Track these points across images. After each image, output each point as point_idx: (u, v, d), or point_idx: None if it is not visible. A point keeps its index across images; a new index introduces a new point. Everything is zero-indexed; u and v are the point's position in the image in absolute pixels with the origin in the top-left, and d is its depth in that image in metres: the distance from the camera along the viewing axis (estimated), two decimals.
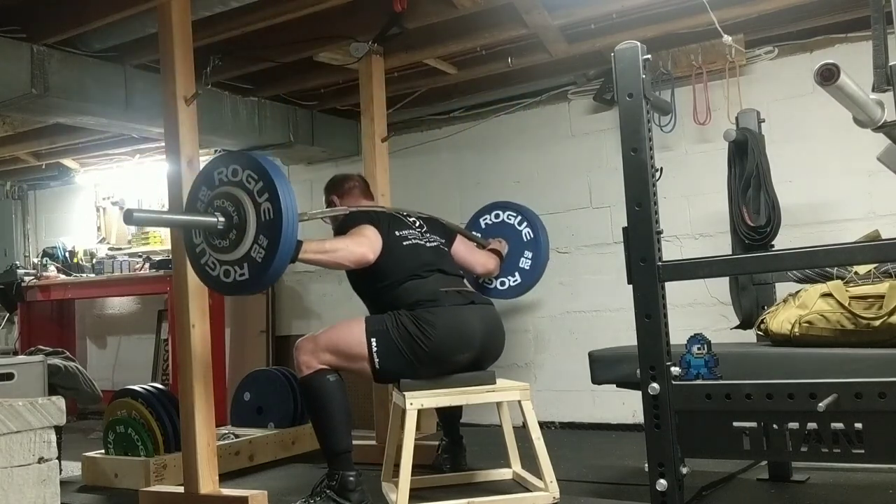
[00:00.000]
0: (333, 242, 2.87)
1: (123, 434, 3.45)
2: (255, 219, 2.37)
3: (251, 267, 2.39)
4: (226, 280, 2.46)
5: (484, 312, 2.94)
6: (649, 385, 2.12)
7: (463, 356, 2.83)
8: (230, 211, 2.41)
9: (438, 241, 3.11)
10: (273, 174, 2.37)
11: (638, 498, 2.58)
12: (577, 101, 4.32)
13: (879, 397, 1.87)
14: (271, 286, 5.21)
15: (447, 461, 3.30)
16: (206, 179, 2.54)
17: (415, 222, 3.10)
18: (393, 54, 3.78)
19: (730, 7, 3.39)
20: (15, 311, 5.77)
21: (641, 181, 2.16)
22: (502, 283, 3.62)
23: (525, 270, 3.61)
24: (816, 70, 1.90)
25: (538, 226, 3.64)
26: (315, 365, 2.79)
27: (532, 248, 3.61)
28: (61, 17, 3.30)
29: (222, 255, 2.44)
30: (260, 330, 5.22)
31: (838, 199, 3.63)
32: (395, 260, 2.89)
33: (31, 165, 5.69)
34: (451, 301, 2.86)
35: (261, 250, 2.36)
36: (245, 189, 2.40)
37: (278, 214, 2.33)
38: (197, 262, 2.55)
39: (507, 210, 3.70)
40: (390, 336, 2.76)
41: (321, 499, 2.73)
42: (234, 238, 2.41)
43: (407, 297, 2.84)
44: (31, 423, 1.55)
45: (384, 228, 2.92)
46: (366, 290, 2.99)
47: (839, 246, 2.08)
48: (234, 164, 2.45)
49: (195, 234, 2.54)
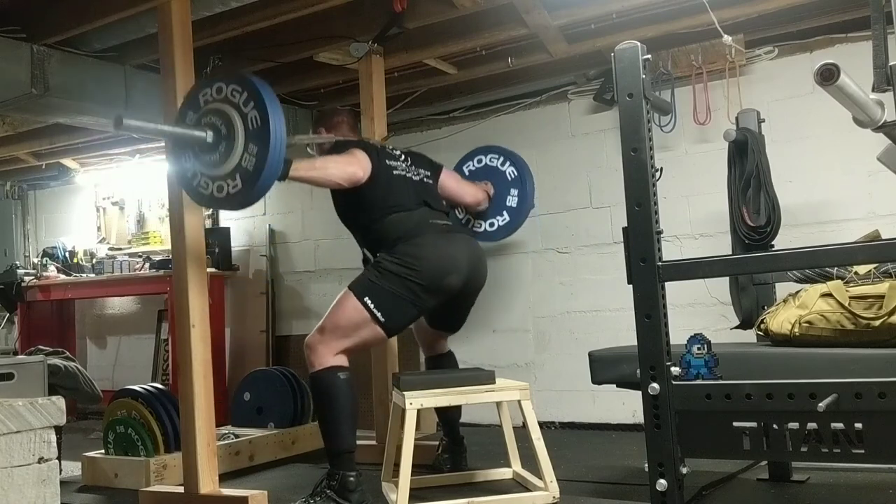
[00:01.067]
0: (324, 160, 2.93)
1: (123, 434, 3.45)
2: (242, 128, 2.41)
3: (243, 177, 2.42)
4: (219, 195, 2.49)
5: (468, 241, 3.03)
6: (649, 385, 2.12)
7: (453, 278, 2.87)
8: (218, 125, 2.46)
9: (424, 175, 3.15)
10: (257, 84, 2.41)
11: (638, 498, 2.58)
12: (577, 101, 4.32)
13: (879, 397, 1.87)
14: (271, 286, 5.22)
15: (447, 461, 3.29)
16: (190, 104, 2.59)
17: (400, 155, 3.15)
18: (393, 54, 3.78)
19: (730, 7, 3.39)
20: (15, 311, 5.77)
21: (641, 181, 2.16)
22: (491, 225, 3.65)
23: (513, 209, 3.63)
24: (816, 70, 1.90)
25: (522, 164, 3.67)
26: (328, 360, 2.81)
27: (517, 185, 3.63)
28: (61, 17, 3.30)
29: (213, 170, 2.48)
30: (260, 330, 5.22)
31: (838, 199, 3.63)
32: (384, 188, 2.93)
33: (31, 165, 5.69)
34: (436, 230, 2.93)
35: (251, 158, 2.39)
36: (231, 103, 2.44)
37: (265, 120, 2.37)
38: (189, 185, 2.59)
39: (489, 153, 3.73)
40: (380, 286, 2.79)
41: (321, 499, 2.73)
42: (223, 150, 2.45)
43: (391, 231, 2.89)
44: (31, 423, 1.55)
45: (374, 154, 2.97)
46: (353, 220, 3.04)
47: (839, 246, 2.08)
48: (217, 83, 2.50)
49: (185, 158, 2.58)
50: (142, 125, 2.51)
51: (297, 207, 5.21)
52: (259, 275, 5.33)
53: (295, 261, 5.23)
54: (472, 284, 3.03)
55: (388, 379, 3.51)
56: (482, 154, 3.74)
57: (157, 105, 3.12)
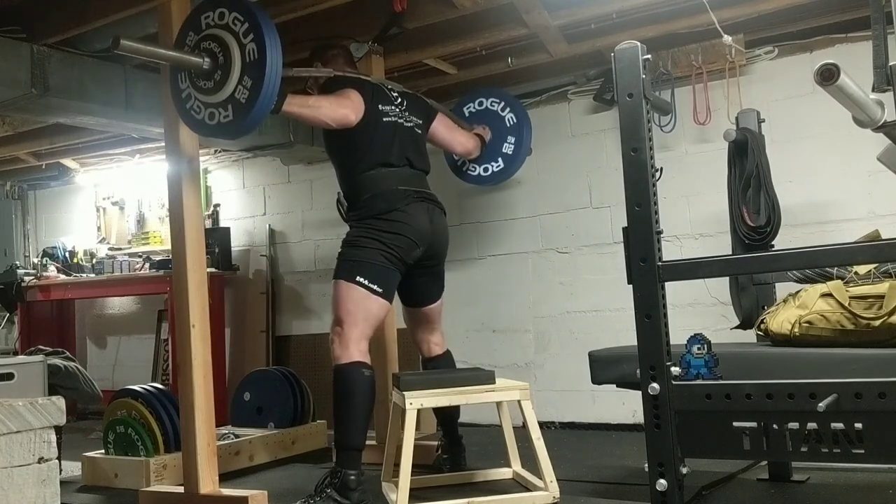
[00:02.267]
0: (317, 99, 2.96)
1: (123, 434, 3.45)
2: (240, 59, 2.42)
3: (235, 108, 2.44)
4: (210, 122, 2.51)
5: (432, 213, 3.08)
6: (649, 385, 2.12)
7: (416, 252, 3.00)
8: (216, 52, 2.46)
9: (415, 122, 3.19)
10: (259, 15, 2.42)
11: (638, 498, 2.58)
12: (577, 101, 4.32)
13: (879, 397, 1.87)
14: (271, 286, 5.22)
15: (447, 461, 3.29)
16: (192, 23, 2.59)
17: (397, 98, 3.17)
18: (393, 54, 3.78)
19: (730, 7, 3.39)
20: (15, 311, 5.77)
21: (641, 181, 2.16)
22: (485, 170, 3.67)
23: (508, 156, 3.65)
24: (816, 70, 1.90)
25: (521, 112, 3.68)
26: (353, 354, 2.85)
27: (515, 133, 3.65)
28: (61, 17, 3.30)
29: (207, 96, 2.49)
30: (260, 330, 5.22)
31: (838, 199, 3.63)
32: (370, 137, 3.00)
33: (31, 165, 5.69)
34: (406, 199, 2.99)
35: (245, 91, 2.41)
36: (231, 31, 2.45)
37: (262, 54, 2.37)
38: (182, 106, 2.60)
39: (490, 97, 3.74)
40: (364, 262, 2.90)
41: (321, 499, 2.73)
42: (218, 79, 2.46)
43: (369, 187, 2.98)
44: (31, 423, 1.55)
45: (368, 96, 3.00)
46: (338, 161, 3.11)
47: (839, 246, 2.08)
48: (220, 7, 2.50)
49: (181, 79, 2.58)
50: (139, 47, 2.51)
51: (297, 207, 5.21)
52: (259, 275, 5.33)
53: (295, 261, 5.23)
54: (431, 253, 3.11)
55: (388, 379, 3.51)
56: (483, 97, 3.76)
57: (158, 105, 3.12)
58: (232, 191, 5.48)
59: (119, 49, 2.39)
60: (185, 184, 2.87)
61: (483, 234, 4.55)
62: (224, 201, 5.46)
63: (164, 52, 2.65)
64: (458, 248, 4.14)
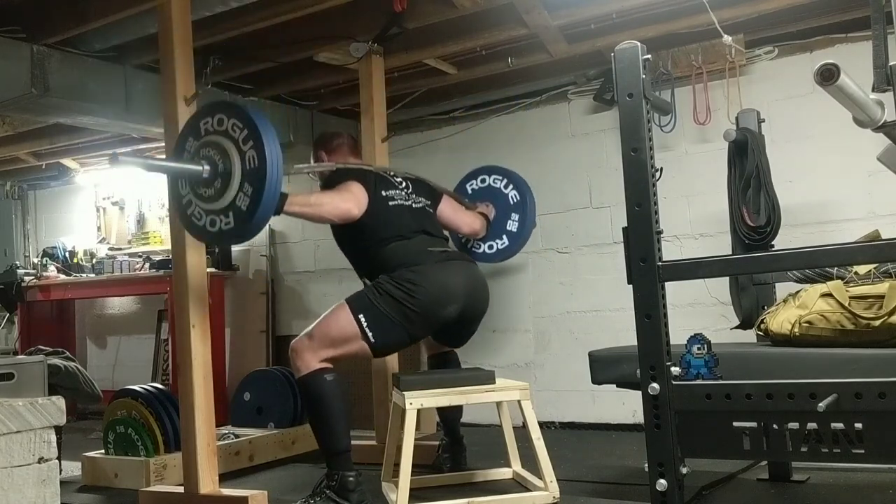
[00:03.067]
0: (319, 196, 2.91)
1: (123, 434, 3.45)
2: (240, 167, 2.40)
3: (236, 215, 2.41)
4: (211, 229, 2.49)
5: (467, 268, 2.99)
6: (649, 385, 2.12)
7: (450, 309, 2.86)
8: (216, 160, 2.44)
9: (424, 203, 3.14)
10: (258, 122, 2.40)
11: (638, 498, 2.58)
12: (577, 101, 4.32)
13: (879, 397, 1.87)
14: (271, 286, 5.22)
15: (447, 461, 3.29)
16: (192, 129, 2.57)
17: (401, 183, 3.12)
18: (393, 54, 3.78)
19: (730, 7, 3.39)
20: (15, 311, 5.77)
21: (641, 181, 2.16)
22: (490, 247, 3.64)
23: (512, 233, 3.63)
24: (816, 70, 1.90)
25: (524, 189, 3.66)
26: (313, 364, 2.79)
27: (519, 210, 3.62)
28: (61, 17, 3.30)
29: (208, 204, 2.47)
30: (260, 330, 5.22)
31: (838, 199, 3.63)
32: (381, 220, 2.92)
33: (31, 165, 5.69)
34: (435, 259, 2.90)
35: (245, 198, 2.38)
36: (230, 138, 2.42)
37: (263, 162, 2.35)
38: (183, 212, 2.57)
39: (493, 174, 3.72)
40: (377, 307, 2.78)
41: (321, 499, 2.73)
42: (219, 186, 2.44)
43: (390, 258, 2.87)
44: (31, 423, 1.55)
45: (371, 186, 2.95)
46: (351, 249, 3.03)
47: (839, 246, 2.08)
48: (219, 114, 2.48)
49: (181, 185, 2.56)
50: (138, 161, 2.52)
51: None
52: (259, 275, 5.33)
53: (295, 261, 5.22)
54: (471, 311, 3.00)
55: (388, 379, 3.51)
56: (486, 174, 3.72)
57: (157, 105, 3.12)
58: None
59: (118, 164, 2.41)
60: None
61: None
62: None
63: (164, 164, 2.67)
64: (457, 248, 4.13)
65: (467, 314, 2.97)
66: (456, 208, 3.43)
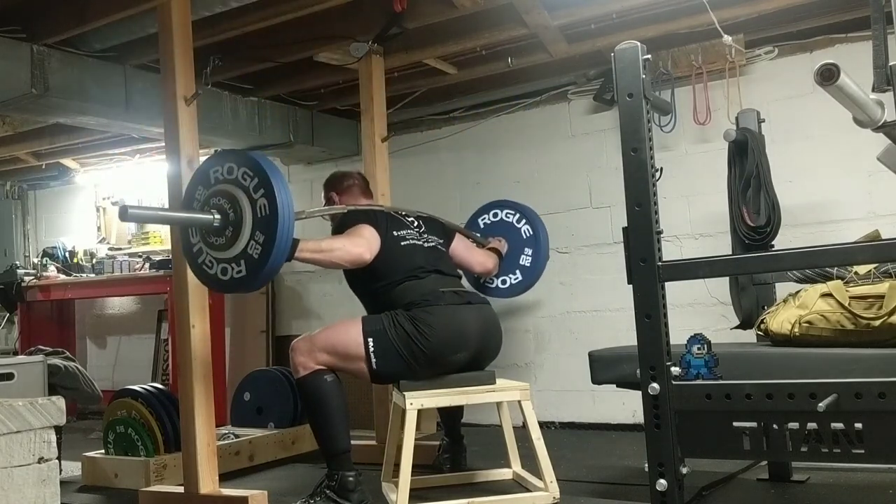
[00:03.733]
0: (330, 242, 2.86)
1: (123, 434, 3.45)
2: (251, 215, 2.38)
3: (248, 264, 2.39)
4: (223, 278, 2.46)
5: (481, 312, 2.94)
6: (649, 385, 2.12)
7: (460, 356, 2.82)
8: (226, 208, 2.42)
9: (436, 242, 3.10)
10: (268, 170, 2.38)
11: (638, 498, 2.58)
12: (577, 101, 4.32)
13: (879, 397, 1.87)
14: (271, 286, 5.22)
15: (447, 461, 3.29)
16: (202, 178, 2.54)
17: (413, 222, 3.09)
18: (393, 54, 3.78)
19: (730, 7, 3.39)
20: (15, 311, 5.77)
21: (641, 181, 2.16)
22: (503, 282, 3.61)
23: (526, 268, 3.60)
24: (816, 70, 1.90)
25: (537, 223, 3.64)
26: (312, 366, 2.79)
27: (532, 244, 3.60)
28: (61, 17, 3.30)
29: (219, 252, 2.45)
30: (260, 330, 5.22)
31: (838, 199, 3.63)
32: (393, 260, 2.89)
33: (31, 165, 5.69)
34: (448, 300, 2.84)
35: (257, 247, 2.37)
36: (241, 186, 2.41)
37: (274, 210, 2.34)
38: (194, 260, 2.55)
39: (505, 209, 3.70)
40: (387, 336, 2.75)
41: (321, 499, 2.73)
42: (230, 235, 2.42)
43: (403, 297, 2.84)
44: (31, 423, 1.55)
45: (382, 228, 2.92)
46: (363, 289, 2.99)
47: (839, 246, 2.08)
48: (229, 163, 2.46)
49: (192, 234, 2.54)
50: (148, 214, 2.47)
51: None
52: None
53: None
54: (483, 355, 2.94)
55: None
56: (497, 208, 3.70)
57: (157, 105, 3.12)
58: None
59: (127, 219, 2.40)
60: (185, 184, 2.86)
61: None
62: None
63: (174, 216, 2.65)
64: None
65: (478, 358, 2.92)
66: (468, 246, 3.39)
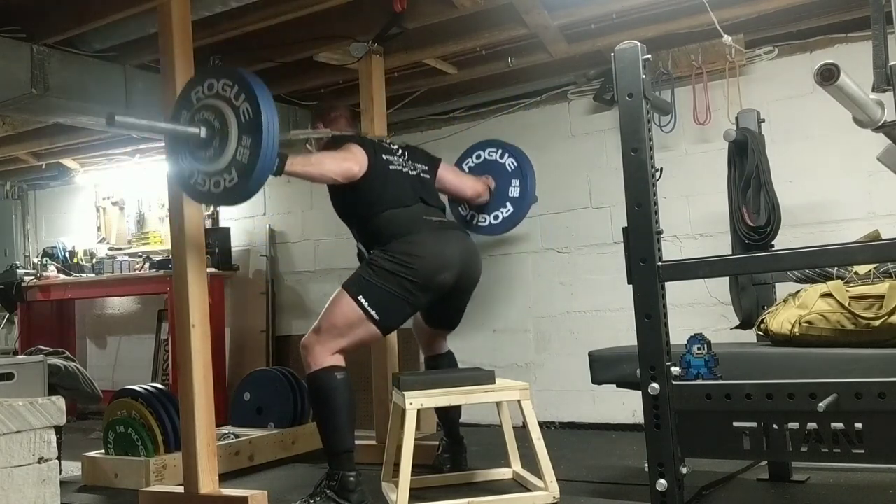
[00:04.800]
0: (320, 156, 2.95)
1: (123, 434, 3.45)
2: (235, 122, 2.45)
3: (239, 170, 2.45)
4: (216, 191, 2.52)
5: (460, 237, 3.03)
6: (649, 385, 2.12)
7: (445, 275, 2.89)
8: (211, 120, 2.49)
9: (421, 169, 3.17)
10: (247, 77, 2.44)
11: (638, 498, 2.58)
12: (577, 101, 4.32)
13: (879, 397, 1.87)
14: (271, 286, 5.22)
15: (447, 461, 3.29)
16: (184, 103, 2.62)
17: (397, 150, 3.16)
18: (393, 54, 3.78)
19: (730, 7, 3.39)
20: (15, 311, 5.77)
21: (641, 181, 2.16)
22: (496, 217, 3.65)
23: (515, 199, 3.63)
24: (816, 70, 1.90)
25: (521, 155, 3.68)
26: (325, 360, 2.81)
27: (518, 175, 3.64)
28: (61, 17, 3.30)
29: (209, 166, 2.51)
30: (260, 330, 5.22)
31: (838, 199, 3.63)
32: (380, 184, 2.96)
33: (31, 165, 5.69)
34: (430, 227, 2.94)
35: (245, 150, 2.43)
36: (222, 97, 2.48)
37: (257, 111, 2.40)
38: (186, 183, 2.62)
39: (487, 148, 3.74)
40: (374, 285, 2.81)
41: (321, 499, 2.73)
42: (217, 145, 2.48)
43: (389, 226, 2.90)
44: (31, 423, 1.55)
45: (370, 150, 2.99)
46: (351, 215, 3.06)
47: (839, 246, 2.08)
48: (209, 79, 2.54)
49: (181, 158, 2.60)
50: (134, 122, 2.53)
51: (297, 207, 5.21)
52: (259, 275, 5.33)
53: (295, 261, 5.22)
54: (465, 281, 3.03)
55: (388, 379, 3.51)
56: (480, 149, 3.74)
57: (157, 105, 3.12)
58: None
59: (113, 125, 2.43)
60: None
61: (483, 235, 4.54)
62: None
63: (160, 126, 2.70)
64: None
65: (461, 283, 3.00)
66: (457, 172, 3.49)
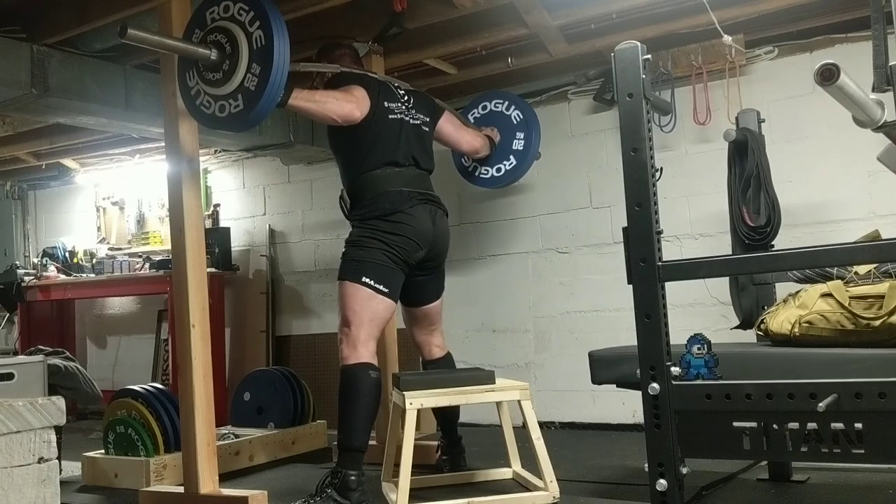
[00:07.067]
0: (323, 94, 2.97)
1: (123, 434, 3.45)
2: (247, 48, 2.45)
3: (245, 97, 2.46)
4: (221, 115, 2.54)
5: (437, 215, 3.10)
6: (649, 385, 2.12)
7: (420, 253, 3.02)
8: (223, 43, 2.49)
9: (422, 120, 3.20)
10: (264, 2, 2.44)
11: (638, 498, 2.58)
12: (577, 101, 4.32)
13: (879, 397, 1.87)
14: (271, 286, 5.22)
15: (446, 462, 3.29)
16: (198, 21, 2.62)
17: (403, 95, 3.18)
18: (393, 54, 3.78)
19: (730, 7, 3.39)
20: (15, 311, 5.77)
21: (641, 181, 2.16)
22: (498, 170, 3.68)
23: (519, 152, 3.66)
24: (816, 70, 1.90)
25: (526, 108, 3.70)
26: (362, 355, 2.85)
27: (523, 128, 3.66)
28: (61, 17, 3.29)
29: (216, 89, 2.52)
30: (260, 330, 5.22)
31: (838, 199, 3.63)
32: (378, 132, 3.02)
33: (31, 165, 5.69)
34: (409, 203, 3.00)
35: (254, 78, 2.44)
36: (236, 21, 2.48)
37: (270, 40, 2.40)
38: (192, 103, 2.63)
39: (494, 99, 3.76)
40: (368, 262, 2.91)
41: (321, 498, 2.73)
42: (227, 69, 2.49)
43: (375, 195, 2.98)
44: (31, 423, 1.55)
45: (374, 93, 3.02)
46: (343, 153, 3.11)
47: (839, 246, 2.08)
48: (225, 1, 2.53)
49: (189, 77, 2.60)
50: (146, 36, 2.50)
51: (297, 207, 5.21)
52: (259, 275, 5.33)
53: (295, 261, 5.23)
54: (433, 254, 3.12)
55: (389, 379, 3.51)
56: (486, 100, 3.78)
57: (158, 105, 3.11)
58: (232, 191, 5.48)
59: (126, 38, 2.40)
60: (185, 184, 2.86)
61: (483, 234, 4.55)
62: (224, 201, 5.46)
63: (171, 43, 2.67)
64: (458, 248, 4.13)
65: (430, 255, 3.10)
66: (457, 126, 3.49)
